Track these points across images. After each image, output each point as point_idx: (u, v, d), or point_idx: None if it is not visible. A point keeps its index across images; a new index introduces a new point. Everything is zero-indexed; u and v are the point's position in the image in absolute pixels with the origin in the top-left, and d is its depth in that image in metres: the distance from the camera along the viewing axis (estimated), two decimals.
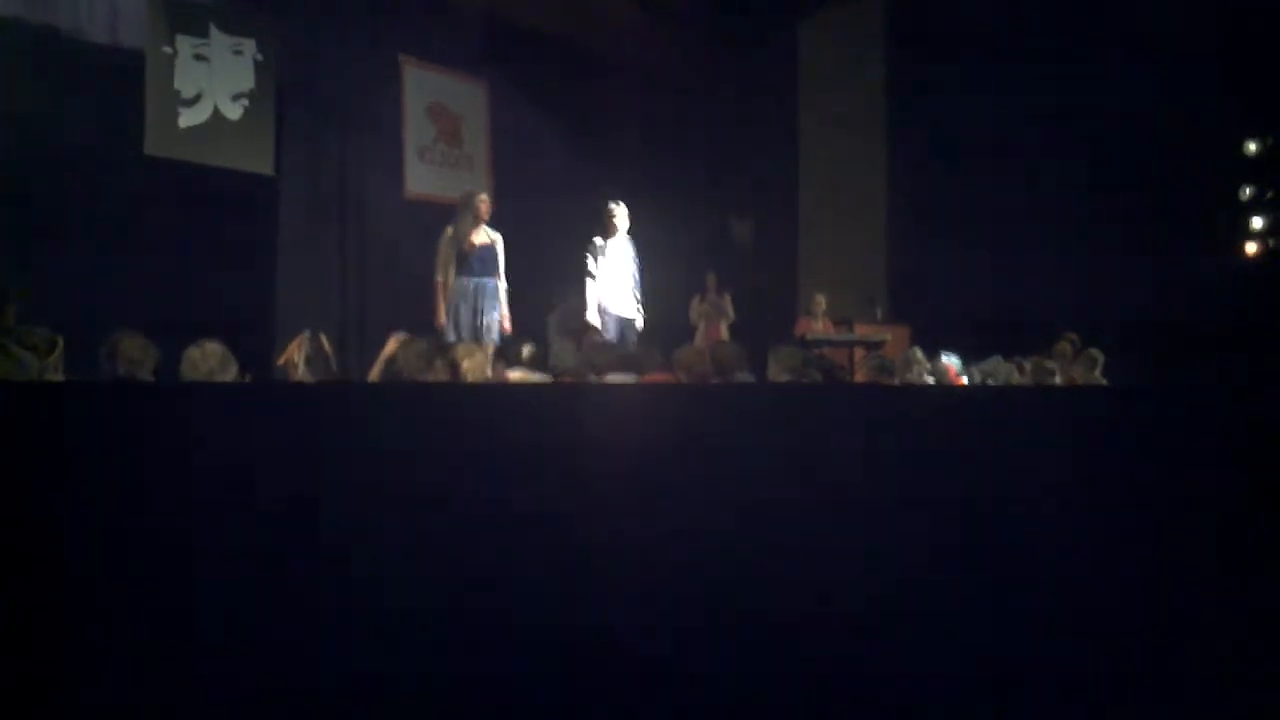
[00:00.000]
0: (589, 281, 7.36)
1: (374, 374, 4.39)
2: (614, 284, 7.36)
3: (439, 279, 6.73)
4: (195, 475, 1.65)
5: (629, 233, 7.45)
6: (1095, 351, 6.89)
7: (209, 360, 3.88)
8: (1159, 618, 1.92)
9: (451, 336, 6.55)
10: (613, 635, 1.75)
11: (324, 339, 5.16)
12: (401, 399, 2.14)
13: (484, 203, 6.82)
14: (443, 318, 6.69)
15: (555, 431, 1.85)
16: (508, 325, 6.85)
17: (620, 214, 7.41)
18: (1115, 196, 8.75)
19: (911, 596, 1.87)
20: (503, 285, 6.88)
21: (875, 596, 1.86)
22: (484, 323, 6.69)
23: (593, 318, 7.30)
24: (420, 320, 8.46)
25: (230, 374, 3.93)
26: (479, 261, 6.74)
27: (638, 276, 7.44)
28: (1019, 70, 9.10)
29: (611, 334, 7.23)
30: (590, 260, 7.36)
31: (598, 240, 7.39)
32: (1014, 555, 1.92)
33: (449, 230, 6.75)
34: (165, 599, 1.59)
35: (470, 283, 6.74)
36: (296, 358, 4.93)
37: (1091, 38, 8.87)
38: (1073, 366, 6.81)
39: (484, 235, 6.81)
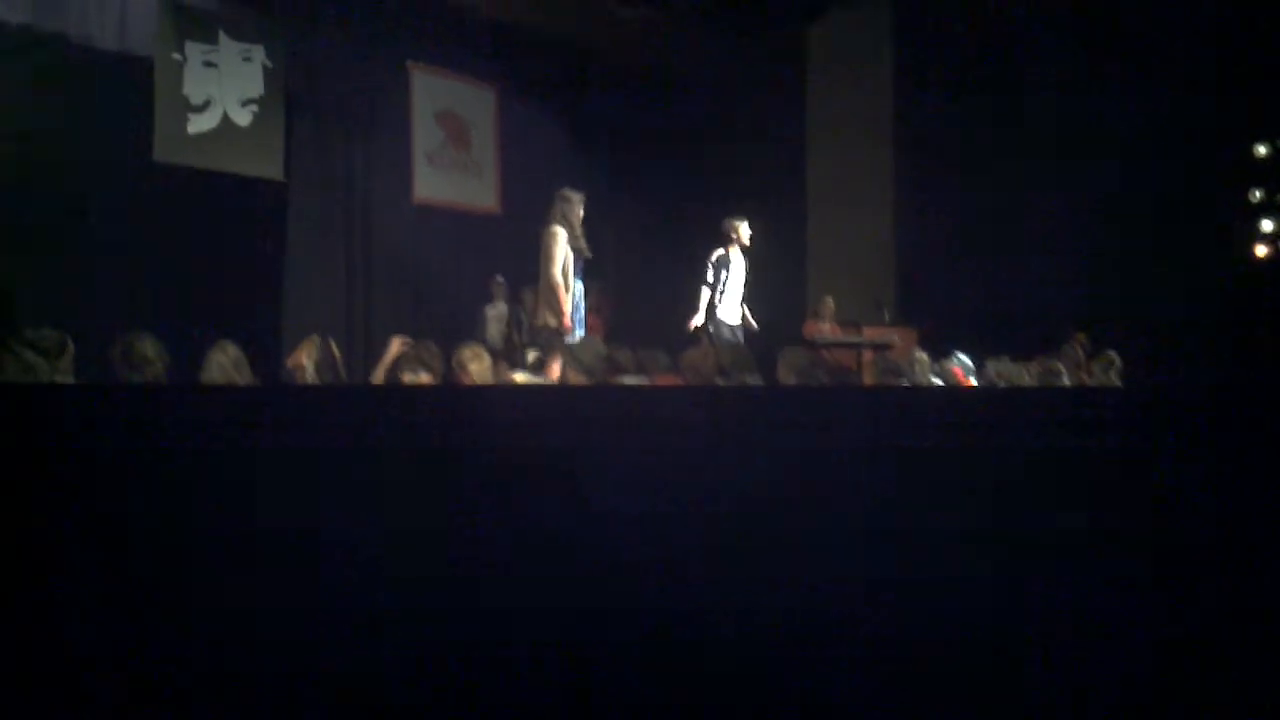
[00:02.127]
0: (704, 290, 7.66)
1: (377, 378, 4.41)
2: (731, 295, 7.71)
3: (559, 280, 6.45)
4: (205, 477, 1.66)
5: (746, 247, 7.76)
6: (1113, 354, 6.89)
7: (230, 360, 3.96)
8: (1165, 619, 1.92)
9: (575, 340, 6.40)
10: (614, 636, 1.75)
11: (333, 345, 5.16)
12: (408, 401, 2.15)
13: (582, 205, 6.63)
14: (569, 320, 6.46)
15: (561, 433, 1.86)
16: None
17: (742, 230, 7.71)
18: (1124, 199, 8.73)
19: (918, 597, 1.87)
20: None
21: (881, 598, 1.87)
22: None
23: (704, 325, 7.60)
24: (425, 325, 8.50)
25: (246, 376, 4.00)
26: (580, 265, 6.64)
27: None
28: (1027, 72, 9.09)
29: (726, 340, 7.46)
30: (711, 272, 7.65)
31: (722, 253, 7.69)
32: (1022, 555, 1.92)
33: (558, 231, 6.47)
34: (171, 598, 1.60)
35: (578, 285, 6.65)
36: (305, 361, 4.93)
37: (1100, 39, 8.86)
38: (1083, 369, 6.81)
39: None
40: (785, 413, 2.10)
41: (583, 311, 6.70)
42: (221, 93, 7.74)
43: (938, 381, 5.91)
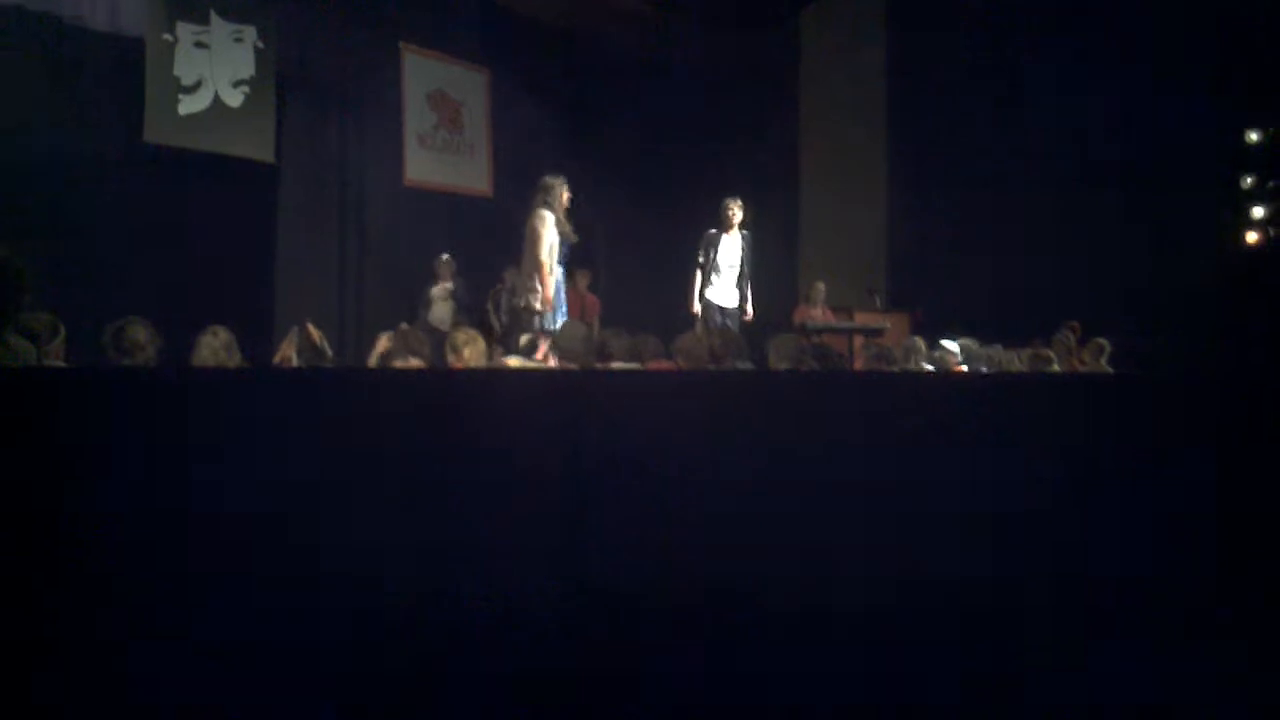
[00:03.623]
0: (697, 272, 7.68)
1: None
2: (722, 276, 7.68)
3: (545, 261, 6.48)
4: (194, 460, 1.66)
5: (742, 227, 7.73)
6: (1102, 340, 6.92)
7: (222, 344, 3.96)
8: (1159, 607, 1.93)
9: (553, 324, 6.44)
10: (608, 621, 1.76)
11: (312, 328, 5.12)
12: (403, 384, 2.14)
13: (566, 189, 6.69)
14: (551, 301, 6.51)
15: (554, 418, 1.86)
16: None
17: (736, 210, 7.67)
18: (1116, 186, 8.73)
19: (910, 585, 1.88)
20: None
21: (873, 584, 1.87)
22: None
23: (695, 306, 7.64)
24: (419, 307, 8.47)
25: (236, 360, 3.99)
26: (565, 250, 6.67)
27: (747, 269, 7.74)
28: (1020, 58, 9.08)
29: (715, 322, 7.49)
30: (701, 252, 7.65)
31: (711, 232, 7.67)
32: (1014, 542, 1.93)
33: (546, 214, 6.51)
34: (161, 581, 1.60)
35: (561, 270, 6.68)
36: (289, 351, 4.91)
37: (1093, 26, 8.84)
38: (1075, 355, 6.83)
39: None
40: (776, 398, 2.10)
41: (564, 295, 6.72)
42: (212, 73, 7.69)
43: (931, 369, 5.92)
